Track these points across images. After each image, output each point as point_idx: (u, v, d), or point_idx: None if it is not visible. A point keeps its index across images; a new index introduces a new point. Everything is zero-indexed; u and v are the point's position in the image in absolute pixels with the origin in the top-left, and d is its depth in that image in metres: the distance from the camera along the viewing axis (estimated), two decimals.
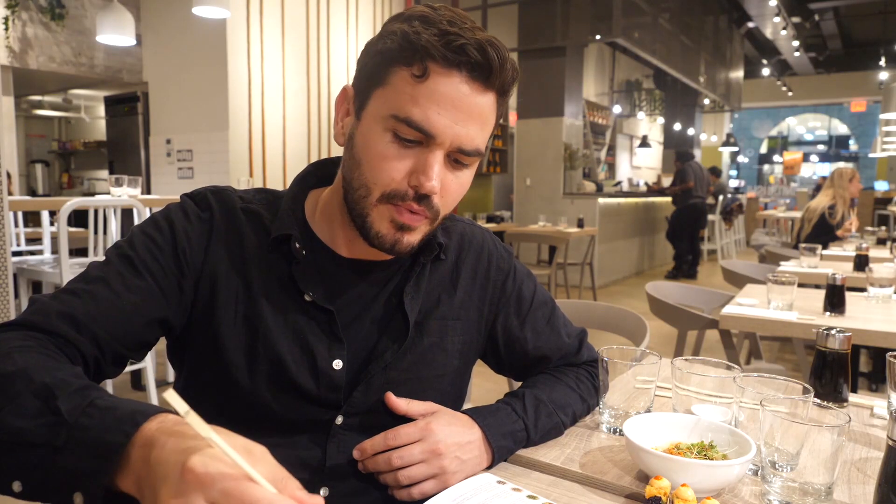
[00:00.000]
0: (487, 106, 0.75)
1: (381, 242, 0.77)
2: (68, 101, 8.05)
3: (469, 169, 0.79)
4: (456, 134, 0.73)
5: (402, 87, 0.72)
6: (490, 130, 0.78)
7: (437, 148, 0.73)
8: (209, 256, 0.80)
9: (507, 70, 0.74)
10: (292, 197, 0.85)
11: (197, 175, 5.33)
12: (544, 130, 7.47)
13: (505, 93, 0.77)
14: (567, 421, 0.91)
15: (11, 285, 2.60)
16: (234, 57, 4.99)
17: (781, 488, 0.71)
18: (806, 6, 11.09)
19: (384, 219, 0.76)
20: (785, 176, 17.54)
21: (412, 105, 0.72)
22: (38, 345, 0.66)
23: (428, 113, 0.72)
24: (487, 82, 0.74)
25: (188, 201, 0.83)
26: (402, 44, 0.72)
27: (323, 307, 0.80)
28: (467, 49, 0.71)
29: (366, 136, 0.76)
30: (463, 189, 0.79)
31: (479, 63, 0.72)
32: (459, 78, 0.72)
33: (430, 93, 0.72)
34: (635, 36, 7.70)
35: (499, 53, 0.73)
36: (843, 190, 4.34)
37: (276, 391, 0.79)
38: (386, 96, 0.74)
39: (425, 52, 0.71)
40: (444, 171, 0.75)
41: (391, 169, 0.74)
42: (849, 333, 1.03)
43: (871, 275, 2.17)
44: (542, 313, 0.99)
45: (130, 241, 0.78)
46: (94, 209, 2.85)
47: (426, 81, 0.72)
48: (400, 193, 0.75)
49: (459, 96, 0.72)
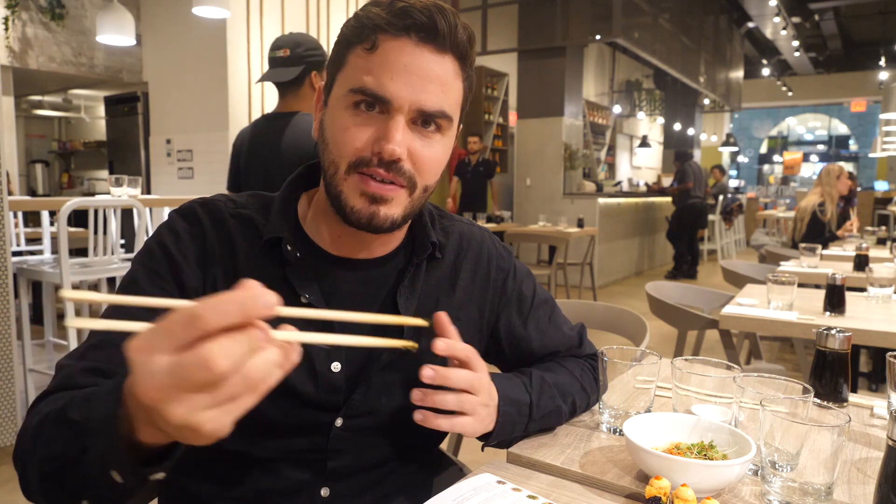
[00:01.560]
0: (445, 69, 0.75)
1: (357, 217, 0.76)
2: (68, 101, 8.05)
3: (441, 138, 0.78)
4: (414, 98, 0.73)
5: (357, 63, 0.75)
6: (456, 96, 0.78)
7: (396, 113, 0.73)
8: (207, 271, 0.79)
9: (458, 31, 0.75)
10: (283, 199, 0.85)
11: (197, 175, 5.33)
12: (544, 130, 7.47)
13: (463, 57, 0.77)
14: (566, 409, 0.91)
15: (11, 285, 2.60)
16: (234, 57, 5.00)
17: (781, 488, 0.71)
18: (806, 6, 11.09)
19: (355, 192, 0.76)
20: (785, 176, 17.53)
21: (366, 74, 0.73)
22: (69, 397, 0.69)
23: (381, 80, 0.73)
24: (437, 43, 0.74)
25: (177, 219, 0.82)
26: (355, 25, 0.75)
27: (319, 309, 0.80)
28: (411, 12, 0.72)
29: (331, 117, 0.77)
30: (437, 159, 0.78)
31: (425, 24, 0.72)
32: (409, 41, 0.73)
33: (382, 61, 0.73)
34: (635, 36, 7.70)
35: (446, 16, 0.73)
36: (830, 188, 4.36)
37: (275, 397, 0.79)
38: (345, 76, 0.76)
39: (374, 25, 0.73)
40: (411, 138, 0.75)
41: (353, 139, 0.74)
42: (849, 333, 1.03)
43: (871, 275, 2.17)
44: (544, 311, 0.99)
45: (133, 278, 0.79)
46: (94, 209, 2.85)
47: (377, 51, 0.73)
48: (365, 160, 0.74)
49: (412, 60, 0.73)
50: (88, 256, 2.89)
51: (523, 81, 7.66)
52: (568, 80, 7.41)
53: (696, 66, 9.90)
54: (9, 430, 2.62)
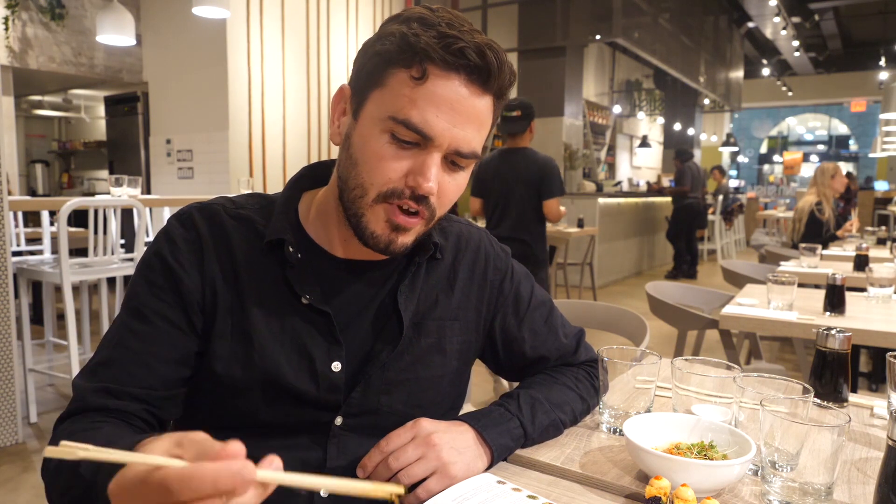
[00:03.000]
0: (485, 109, 0.76)
1: (375, 242, 0.77)
2: (68, 101, 8.05)
3: (465, 171, 0.79)
4: (454, 136, 0.73)
5: (401, 89, 0.72)
6: (486, 133, 0.78)
7: (434, 150, 0.73)
8: (205, 276, 0.80)
9: (504, 73, 0.75)
10: (285, 200, 0.85)
11: (197, 175, 5.33)
12: (544, 130, 7.47)
13: (502, 96, 0.77)
14: (566, 419, 0.90)
15: (11, 285, 2.60)
16: (234, 57, 5.00)
17: (781, 488, 0.71)
18: (806, 6, 11.09)
19: (379, 219, 0.76)
20: (785, 176, 17.53)
21: (411, 107, 0.72)
22: (83, 423, 0.73)
23: (426, 115, 0.72)
24: (485, 85, 0.74)
25: (174, 224, 0.82)
26: (401, 45, 0.72)
27: (320, 309, 0.80)
28: (466, 52, 0.71)
29: (363, 137, 0.75)
30: (459, 190, 0.80)
31: (477, 66, 0.72)
32: (458, 81, 0.72)
33: (429, 95, 0.72)
34: (635, 36, 7.70)
35: (497, 57, 0.73)
36: (824, 188, 4.35)
37: (275, 397, 0.79)
38: (384, 98, 0.74)
39: (424, 54, 0.71)
40: (441, 173, 0.76)
41: (388, 169, 0.74)
42: (849, 333, 1.03)
43: (871, 275, 2.17)
44: (540, 313, 0.99)
45: (134, 290, 0.80)
46: (94, 209, 2.85)
47: (425, 84, 0.71)
48: (397, 192, 0.74)
49: (458, 99, 0.72)
50: (88, 256, 2.89)
51: (523, 81, 7.66)
52: (568, 80, 7.41)
53: (696, 66, 9.90)
54: (9, 430, 2.62)
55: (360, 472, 0.79)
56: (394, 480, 0.76)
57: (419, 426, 0.78)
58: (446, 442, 0.77)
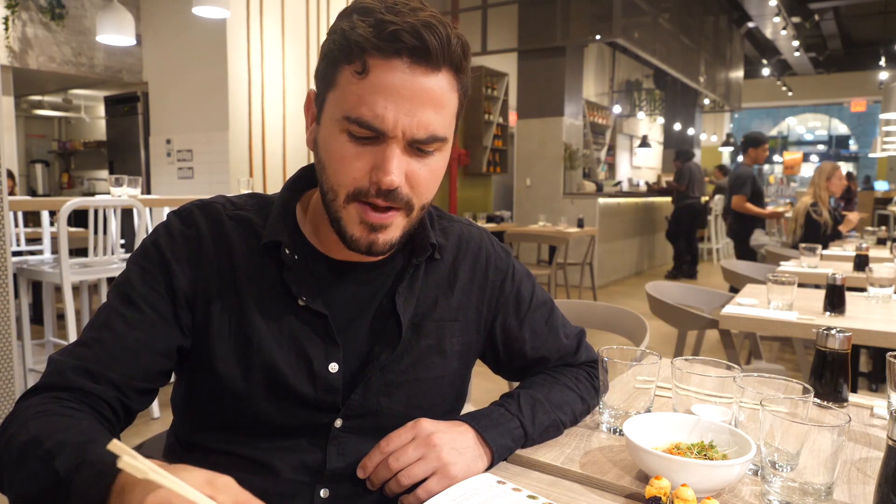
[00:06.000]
0: (439, 87, 0.72)
1: (357, 246, 0.77)
2: (68, 101, 8.05)
3: (438, 154, 0.76)
4: (407, 125, 0.71)
5: (349, 87, 0.72)
6: (451, 110, 0.75)
7: (391, 142, 0.72)
8: (201, 273, 0.79)
9: (451, 46, 0.71)
10: (283, 202, 0.85)
11: (197, 175, 5.32)
12: (544, 130, 7.47)
13: (458, 68, 0.74)
14: (566, 420, 0.90)
15: (11, 285, 2.59)
16: (234, 57, 4.99)
17: (781, 488, 0.71)
18: (806, 6, 11.08)
19: (354, 221, 0.76)
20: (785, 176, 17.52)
21: (360, 103, 0.71)
22: (57, 405, 0.70)
23: (375, 109, 0.70)
24: (431, 64, 0.71)
25: (174, 219, 0.82)
26: (341, 42, 0.71)
27: (317, 311, 0.80)
28: (400, 35, 0.68)
29: (326, 140, 0.76)
30: (434, 175, 0.77)
31: (416, 47, 0.69)
32: (401, 65, 0.70)
33: (374, 87, 0.70)
34: (635, 36, 7.69)
35: (436, 32, 0.70)
36: (820, 189, 4.34)
37: (274, 398, 0.79)
38: (337, 98, 0.73)
39: (360, 47, 0.70)
40: (408, 161, 0.74)
41: (352, 169, 0.73)
42: (849, 333, 1.03)
43: (871, 275, 2.17)
44: (541, 314, 0.98)
45: (126, 276, 0.80)
46: (94, 209, 2.85)
47: (368, 76, 0.70)
48: (363, 191, 0.74)
49: (403, 84, 0.70)
50: (88, 256, 2.89)
51: (523, 81, 7.66)
52: (568, 80, 7.41)
53: (696, 66, 9.89)
54: None
55: (360, 472, 0.79)
56: (394, 481, 0.76)
57: (419, 426, 0.78)
58: (446, 442, 0.77)
